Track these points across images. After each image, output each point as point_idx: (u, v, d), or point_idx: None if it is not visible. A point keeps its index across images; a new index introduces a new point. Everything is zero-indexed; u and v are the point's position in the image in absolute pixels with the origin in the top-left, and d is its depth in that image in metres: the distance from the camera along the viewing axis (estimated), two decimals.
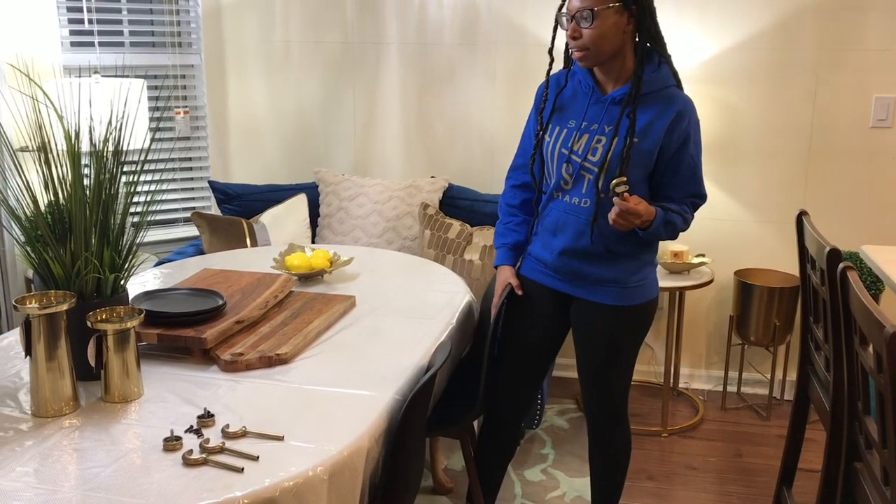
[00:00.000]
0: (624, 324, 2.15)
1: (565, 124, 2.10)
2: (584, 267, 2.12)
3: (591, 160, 2.03)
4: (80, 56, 3.50)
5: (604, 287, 2.12)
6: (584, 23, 1.95)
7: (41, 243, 1.72)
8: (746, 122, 3.42)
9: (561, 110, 2.13)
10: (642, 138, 2.01)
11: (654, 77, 2.02)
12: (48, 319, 1.60)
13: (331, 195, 3.56)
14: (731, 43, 3.36)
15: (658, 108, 2.02)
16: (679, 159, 2.05)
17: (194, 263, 2.72)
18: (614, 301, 2.12)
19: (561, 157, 2.08)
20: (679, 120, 2.02)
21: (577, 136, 2.07)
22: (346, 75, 3.77)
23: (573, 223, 2.10)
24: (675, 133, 2.02)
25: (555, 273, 2.17)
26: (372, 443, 1.58)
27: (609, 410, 2.25)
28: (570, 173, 2.08)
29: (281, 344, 1.93)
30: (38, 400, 1.62)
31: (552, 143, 2.11)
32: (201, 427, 1.56)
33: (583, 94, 2.11)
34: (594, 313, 2.15)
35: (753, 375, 3.61)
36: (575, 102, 2.12)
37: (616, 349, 2.18)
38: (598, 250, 2.09)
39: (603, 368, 2.20)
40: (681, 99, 2.04)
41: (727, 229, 3.50)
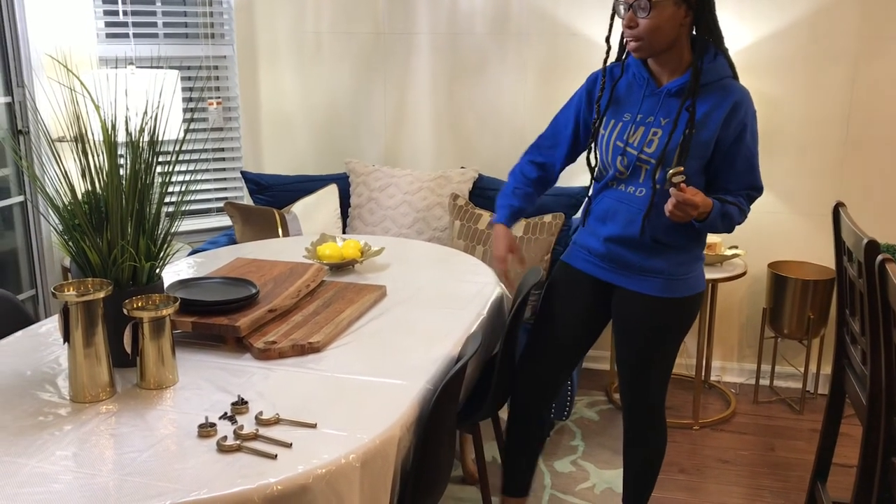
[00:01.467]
0: (667, 316, 2.12)
1: (620, 117, 2.09)
2: (630, 255, 2.10)
3: (647, 152, 2.02)
4: (116, 48, 3.54)
5: (649, 277, 2.10)
6: (641, 13, 1.93)
7: (79, 232, 1.75)
8: (782, 112, 3.37)
9: (616, 103, 2.12)
10: (699, 129, 1.99)
11: (711, 68, 2.00)
12: (86, 307, 1.62)
13: (361, 186, 3.57)
14: (767, 31, 3.31)
15: (715, 98, 1.99)
16: (736, 150, 2.03)
17: (227, 253, 2.75)
18: (659, 292, 2.09)
19: (616, 149, 2.07)
20: (736, 110, 1.99)
21: (632, 128, 2.05)
22: (377, 66, 3.77)
23: (624, 211, 2.09)
24: (732, 124, 2.00)
25: (600, 261, 2.17)
26: (403, 432, 1.58)
27: (646, 405, 2.22)
28: (626, 165, 2.06)
29: (313, 333, 1.95)
30: (76, 386, 1.65)
31: (607, 135, 2.10)
32: (235, 414, 1.58)
33: (637, 87, 2.09)
34: (637, 303, 2.12)
35: (786, 369, 3.57)
36: (630, 95, 2.10)
37: (657, 341, 2.15)
38: (645, 240, 2.07)
39: (643, 361, 2.17)
40: (738, 89, 2.01)
41: (761, 221, 3.45)
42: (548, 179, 2.31)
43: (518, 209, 2.27)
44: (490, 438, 2.76)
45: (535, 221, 3.21)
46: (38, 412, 1.60)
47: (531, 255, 3.14)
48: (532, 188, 2.28)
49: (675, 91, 2.02)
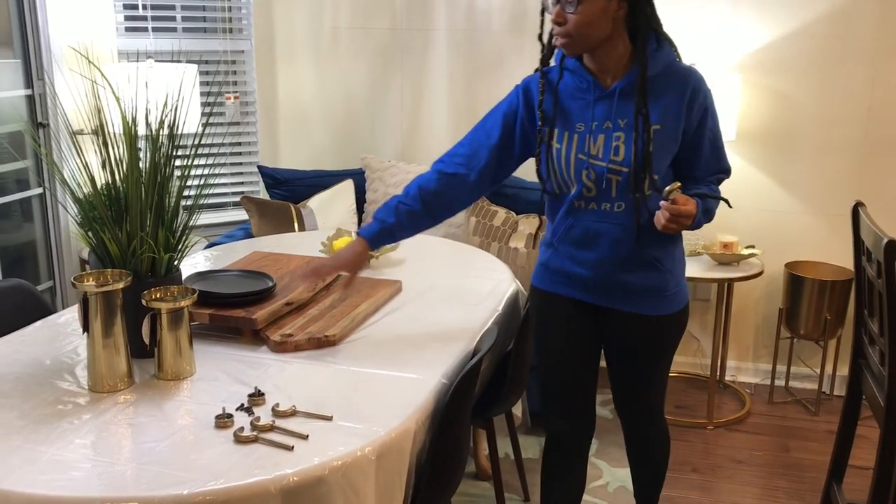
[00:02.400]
0: (663, 332, 2.01)
1: (573, 127, 1.89)
2: (625, 277, 1.93)
3: (617, 161, 1.84)
4: (135, 41, 3.56)
5: (644, 297, 1.95)
6: (569, 7, 1.76)
7: (99, 223, 1.76)
8: (800, 111, 3.35)
9: (563, 111, 1.91)
10: (663, 124, 1.84)
11: (658, 57, 1.85)
12: (105, 297, 1.63)
13: (377, 181, 3.58)
14: (786, 30, 3.29)
15: (671, 88, 1.85)
16: (701, 136, 1.90)
17: (243, 246, 2.76)
18: (655, 311, 1.96)
19: (579, 164, 1.87)
20: (695, 96, 1.86)
21: (590, 139, 1.86)
22: (394, 62, 3.78)
23: (608, 231, 1.90)
24: (693, 110, 1.87)
25: (586, 286, 1.98)
26: (419, 425, 1.59)
27: (647, 415, 2.15)
28: (594, 180, 1.87)
29: (329, 326, 1.96)
30: (94, 375, 1.66)
31: (564, 149, 1.89)
32: (252, 406, 1.59)
33: (582, 91, 1.89)
34: (633, 324, 1.98)
35: (802, 369, 3.55)
36: (576, 101, 1.90)
37: (655, 359, 2.05)
38: (642, 257, 1.92)
39: (641, 379, 2.08)
40: (690, 73, 1.88)
41: (778, 220, 3.44)
42: (454, 197, 2.00)
43: (390, 227, 1.97)
44: (503, 434, 2.76)
45: None
46: (58, 401, 1.61)
47: None
48: (420, 206, 1.97)
49: (626, 90, 1.84)
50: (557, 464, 2.16)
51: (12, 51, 3.20)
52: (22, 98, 3.23)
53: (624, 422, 2.20)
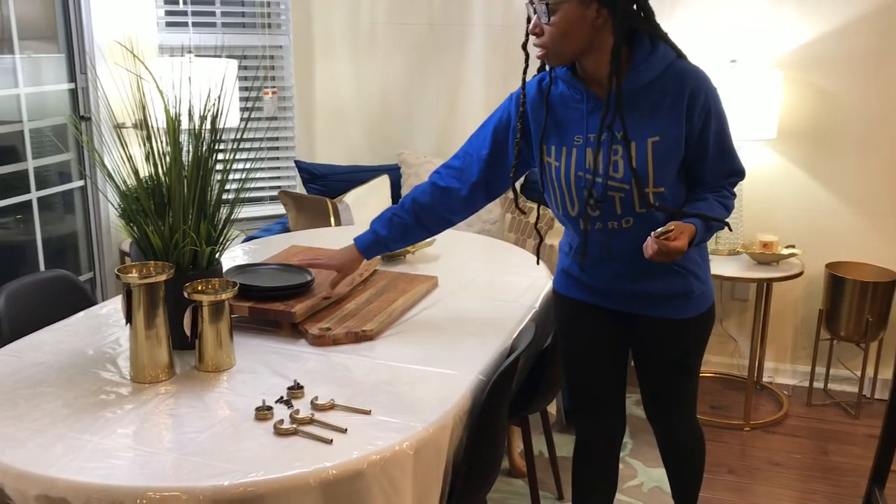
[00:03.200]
0: (692, 335, 1.97)
1: (570, 142, 1.79)
2: (647, 286, 1.88)
3: (616, 177, 1.75)
4: (175, 37, 3.60)
5: (669, 302, 1.90)
6: (542, 17, 1.69)
7: (142, 216, 1.78)
8: (845, 109, 3.29)
9: (557, 125, 1.81)
10: (662, 134, 1.74)
11: (652, 60, 1.73)
12: (148, 289, 1.65)
13: (413, 177, 3.58)
14: (829, 27, 3.23)
15: (668, 92, 1.74)
16: (705, 140, 1.78)
17: (280, 240, 2.78)
18: (682, 314, 1.91)
19: (580, 181, 1.78)
20: (695, 98, 1.74)
21: (589, 153, 1.76)
22: (431, 57, 3.77)
23: (621, 247, 1.84)
24: (695, 114, 1.75)
25: (610, 296, 1.94)
26: (456, 421, 1.59)
27: (677, 419, 2.11)
28: (595, 198, 1.77)
29: (367, 321, 1.96)
30: (136, 366, 1.68)
31: (562, 167, 1.80)
32: (291, 398, 1.60)
33: (576, 102, 1.79)
34: (661, 329, 1.94)
35: (842, 372, 3.49)
36: (570, 112, 1.80)
37: (684, 362, 2.01)
38: (662, 265, 1.84)
39: (671, 383, 2.04)
40: (690, 73, 1.75)
41: (819, 220, 3.38)
42: (447, 211, 1.97)
43: (384, 238, 1.96)
44: (538, 432, 2.75)
45: None
46: (101, 391, 1.64)
47: None
48: (414, 218, 1.95)
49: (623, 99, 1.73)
50: (588, 465, 2.14)
51: (57, 46, 3.26)
52: (65, 92, 3.28)
53: (655, 426, 2.17)
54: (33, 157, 3.13)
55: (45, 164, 3.22)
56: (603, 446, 2.12)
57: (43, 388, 1.65)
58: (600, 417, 2.09)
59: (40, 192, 3.18)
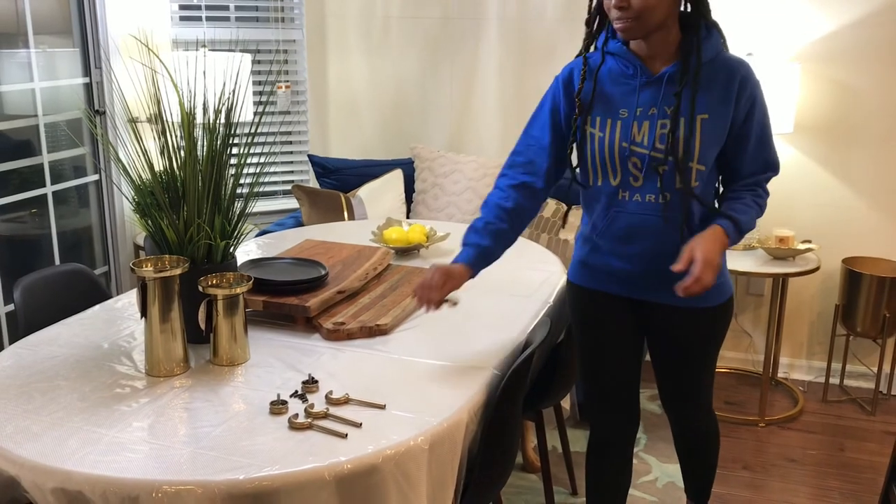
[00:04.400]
0: (710, 324, 1.97)
1: (615, 114, 1.83)
2: (670, 270, 1.81)
3: (660, 149, 1.79)
4: (189, 30, 3.61)
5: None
6: None
7: (157, 210, 1.79)
8: (863, 103, 3.25)
9: (604, 97, 1.84)
10: (711, 113, 1.79)
11: (707, 45, 1.80)
12: (163, 283, 1.66)
13: (426, 171, 3.58)
14: (848, 19, 3.20)
15: (719, 78, 1.80)
16: (748, 128, 1.84)
17: (293, 235, 2.79)
18: (701, 303, 1.91)
19: (623, 152, 1.81)
20: (744, 86, 1.81)
21: (636, 126, 1.80)
22: (445, 51, 3.76)
23: (653, 224, 1.84)
24: (742, 101, 1.81)
25: (632, 280, 1.93)
26: (471, 416, 1.58)
27: (694, 410, 2.12)
28: (640, 168, 1.81)
29: (381, 315, 1.96)
30: (151, 360, 1.69)
31: (606, 137, 1.82)
32: (306, 392, 1.60)
33: (626, 77, 1.84)
34: (680, 318, 1.94)
35: (858, 368, 3.47)
36: (620, 87, 1.84)
37: (702, 352, 2.01)
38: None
39: (688, 373, 2.04)
40: (739, 62, 1.83)
41: (836, 215, 3.35)
42: (530, 207, 1.97)
43: (487, 252, 1.89)
44: (552, 427, 2.75)
45: None
46: (116, 384, 1.64)
47: None
48: (507, 223, 1.92)
49: (675, 76, 1.80)
50: (602, 460, 2.13)
51: (71, 40, 3.27)
52: (80, 86, 3.29)
53: (672, 417, 2.17)
54: (48, 152, 3.15)
55: (59, 158, 3.23)
56: (618, 441, 2.11)
57: (58, 381, 1.65)
58: (615, 412, 2.08)
59: (55, 186, 3.19)
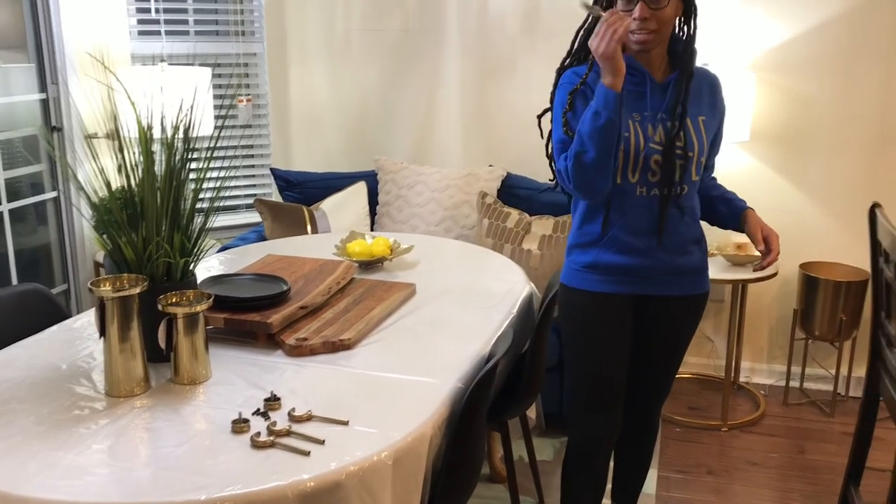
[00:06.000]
0: (697, 311, 2.13)
1: (632, 116, 1.97)
2: (678, 259, 2.03)
3: (676, 145, 1.96)
4: (148, 45, 3.58)
5: (688, 277, 2.06)
6: (655, 4, 1.87)
7: (115, 228, 1.77)
8: (815, 111, 3.33)
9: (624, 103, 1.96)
10: (707, 115, 2.02)
11: (694, 56, 2.01)
12: (121, 302, 1.64)
13: (390, 183, 3.58)
14: (800, 29, 3.27)
15: (704, 86, 2.04)
16: (720, 131, 2.10)
17: (256, 249, 2.77)
18: (697, 289, 2.09)
19: (650, 151, 1.95)
20: (721, 95, 2.07)
21: (650, 126, 1.96)
22: (407, 63, 3.77)
23: (670, 215, 1.99)
24: (720, 104, 2.07)
25: (642, 275, 2.03)
26: (435, 430, 1.59)
27: (662, 400, 2.24)
28: (661, 164, 1.95)
29: (344, 330, 1.96)
30: (111, 380, 1.67)
31: (631, 137, 1.95)
32: (268, 410, 1.59)
33: (634, 85, 1.97)
34: (676, 308, 2.08)
35: (817, 371, 3.53)
36: (629, 94, 1.97)
37: (686, 339, 2.16)
38: (691, 236, 2.04)
39: (673, 361, 2.17)
40: (714, 75, 2.08)
41: (793, 221, 3.42)
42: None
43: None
44: (518, 437, 2.76)
45: (563, 220, 3.20)
46: (74, 406, 1.62)
47: (559, 254, 3.12)
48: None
49: (679, 83, 1.97)
50: (586, 467, 2.17)
51: (27, 55, 3.22)
52: (36, 102, 3.25)
53: (636, 416, 2.23)
54: (4, 169, 3.10)
55: (16, 175, 3.18)
56: (609, 443, 2.16)
57: (14, 404, 1.63)
58: (611, 414, 2.13)
59: (12, 203, 3.14)
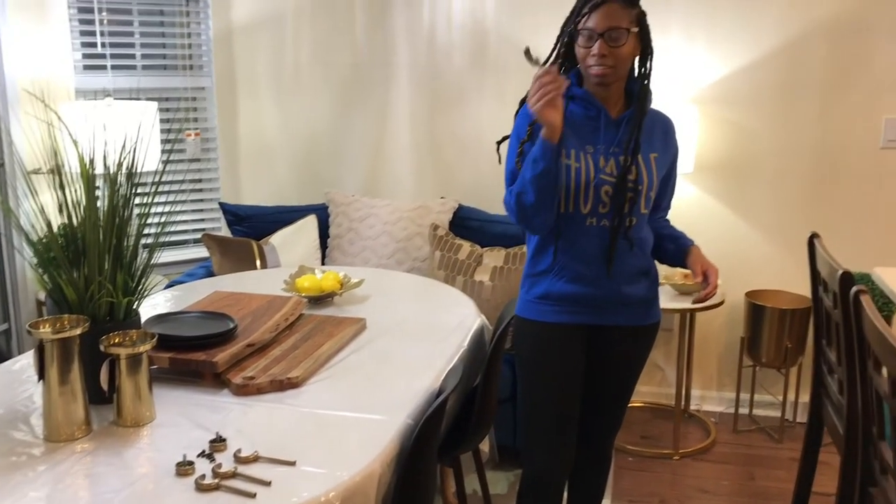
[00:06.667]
0: (648, 342, 2.15)
1: (584, 148, 2.00)
2: (629, 289, 2.05)
3: (627, 179, 1.99)
4: (93, 79, 3.53)
5: (640, 307, 2.09)
6: (614, 42, 1.91)
7: (54, 266, 1.73)
8: (757, 143, 3.42)
9: (574, 134, 2.00)
10: (659, 153, 2.06)
11: (649, 94, 2.07)
12: (62, 344, 1.60)
13: (341, 216, 3.57)
14: (740, 64, 3.37)
15: (657, 126, 2.08)
16: (673, 170, 2.13)
17: (205, 285, 2.73)
18: (647, 320, 2.11)
19: (599, 182, 1.98)
20: (674, 135, 2.12)
21: (602, 159, 2.00)
22: (357, 96, 3.79)
23: (619, 246, 2.01)
24: (673, 143, 2.11)
25: (595, 305, 2.05)
26: (384, 468, 1.57)
27: (615, 432, 2.25)
28: (610, 195, 1.99)
29: (292, 367, 1.93)
30: (50, 424, 1.62)
31: (582, 167, 1.98)
32: (214, 452, 1.56)
33: (590, 119, 2.02)
34: (629, 338, 2.11)
35: (765, 397, 3.59)
36: (584, 126, 2.02)
37: (637, 371, 2.18)
38: (642, 267, 2.07)
39: (627, 395, 2.19)
40: (666, 117, 2.13)
41: (738, 250, 3.49)
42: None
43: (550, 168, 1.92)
44: (471, 471, 2.74)
45: (515, 251, 3.22)
46: (11, 452, 1.57)
47: (511, 285, 3.14)
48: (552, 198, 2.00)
49: (633, 120, 2.01)
50: (541, 499, 2.17)
51: None
52: None
53: (589, 448, 2.23)
54: None
55: None
56: (563, 475, 2.17)
57: None
58: (565, 446, 2.14)
59: None
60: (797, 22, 3.29)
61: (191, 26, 3.71)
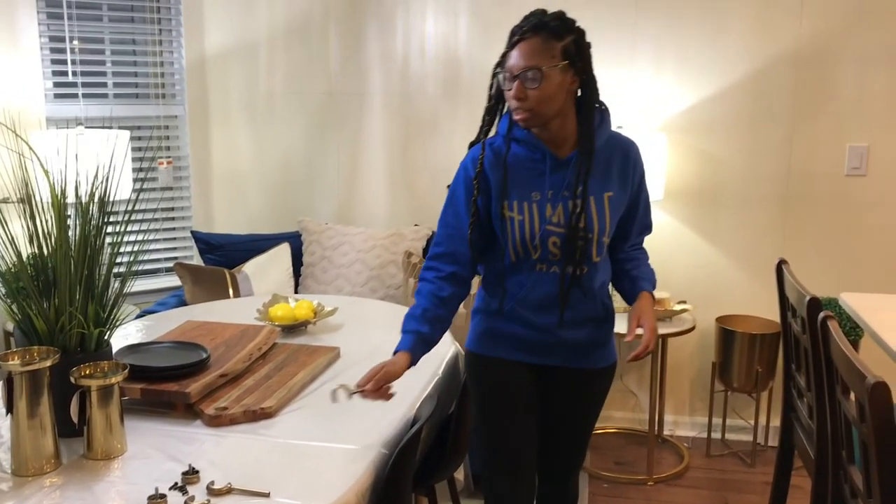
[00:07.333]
0: (605, 384, 2.10)
1: (529, 198, 1.91)
2: (577, 334, 1.98)
3: (576, 227, 1.89)
4: (65, 108, 3.51)
5: (589, 351, 2.03)
6: (531, 83, 1.80)
7: (23, 297, 1.71)
8: (725, 170, 3.48)
9: (517, 182, 1.92)
10: (615, 190, 1.95)
11: (603, 127, 1.94)
12: (31, 376, 1.58)
13: (314, 244, 3.57)
14: (708, 93, 3.43)
15: (615, 155, 1.96)
16: (639, 199, 2.04)
17: (177, 315, 2.71)
18: (601, 363, 2.05)
19: (545, 233, 1.90)
20: (637, 162, 2.00)
21: (549, 206, 1.90)
22: (330, 125, 3.81)
23: (570, 294, 1.93)
24: (635, 175, 2.00)
25: (538, 349, 2.00)
26: (359, 498, 1.56)
27: (577, 472, 2.20)
28: (559, 246, 1.90)
29: (265, 397, 1.92)
30: (18, 458, 1.60)
31: (525, 219, 1.90)
32: (186, 484, 1.54)
33: (534, 162, 1.92)
34: (583, 381, 2.05)
35: (737, 422, 3.62)
36: (528, 171, 1.92)
37: (594, 414, 2.13)
38: (594, 314, 2.00)
39: (585, 433, 2.14)
40: (630, 142, 2.01)
41: (708, 276, 3.53)
42: (460, 292, 2.02)
43: (426, 336, 1.94)
44: (445, 499, 2.73)
45: None
46: None
47: None
48: (443, 309, 1.97)
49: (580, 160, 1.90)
50: None
51: None
52: None
53: (552, 485, 2.19)
54: None
55: None
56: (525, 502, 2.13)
57: None
58: (521, 480, 2.09)
59: None
60: (764, 52, 3.36)
61: (163, 55, 3.71)
